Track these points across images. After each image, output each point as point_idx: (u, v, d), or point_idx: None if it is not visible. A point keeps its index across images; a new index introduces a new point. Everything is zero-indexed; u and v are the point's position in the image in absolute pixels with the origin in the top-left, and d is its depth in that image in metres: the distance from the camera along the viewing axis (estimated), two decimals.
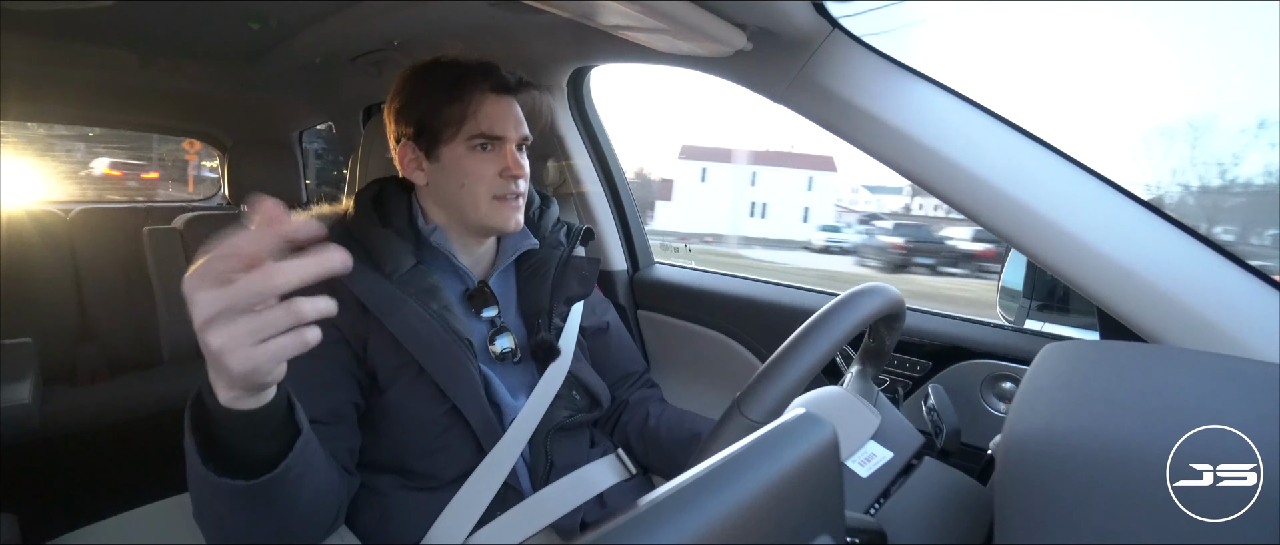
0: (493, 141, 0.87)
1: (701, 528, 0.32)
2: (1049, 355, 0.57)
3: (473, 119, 0.86)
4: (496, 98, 0.88)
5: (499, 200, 0.88)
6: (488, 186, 0.87)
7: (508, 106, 0.89)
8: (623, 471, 0.97)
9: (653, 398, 1.10)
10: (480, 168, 0.87)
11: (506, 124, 0.88)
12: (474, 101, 0.87)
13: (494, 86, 0.88)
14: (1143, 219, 0.72)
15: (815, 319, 0.60)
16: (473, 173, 0.87)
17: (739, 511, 0.34)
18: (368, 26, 1.38)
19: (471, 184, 0.87)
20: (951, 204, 0.79)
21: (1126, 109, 21.92)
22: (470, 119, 0.86)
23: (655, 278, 1.50)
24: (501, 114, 0.88)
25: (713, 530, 0.32)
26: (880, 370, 0.81)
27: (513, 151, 0.88)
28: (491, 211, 0.88)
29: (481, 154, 0.87)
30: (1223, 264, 0.68)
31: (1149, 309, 0.68)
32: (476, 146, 0.87)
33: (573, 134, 1.48)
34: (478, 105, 0.87)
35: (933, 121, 0.80)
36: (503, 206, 0.88)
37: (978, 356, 1.02)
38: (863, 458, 0.68)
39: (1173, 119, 13.69)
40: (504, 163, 0.87)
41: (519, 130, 0.90)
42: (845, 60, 0.85)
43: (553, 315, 0.95)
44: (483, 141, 0.87)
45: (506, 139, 0.88)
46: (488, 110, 0.87)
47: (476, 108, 0.87)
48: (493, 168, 0.87)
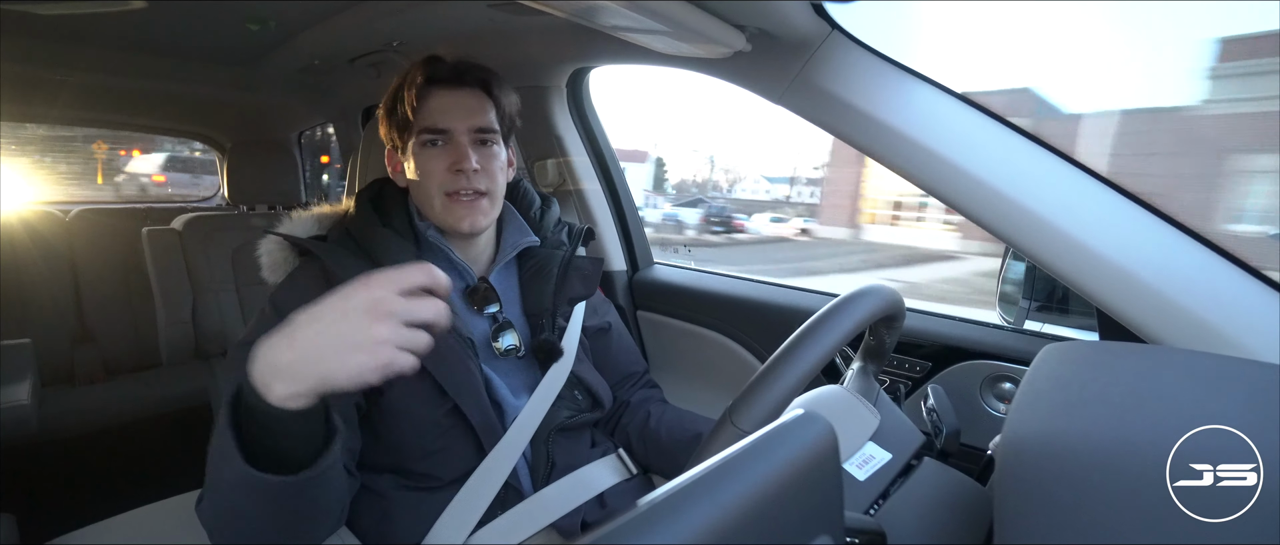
0: (440, 135, 0.86)
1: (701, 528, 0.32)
2: (1048, 356, 0.57)
3: (420, 114, 0.86)
4: (441, 90, 0.87)
5: (450, 198, 0.86)
6: (438, 183, 0.86)
7: (454, 99, 0.87)
8: (623, 472, 0.97)
9: (654, 398, 1.10)
10: (430, 164, 0.86)
11: (451, 116, 0.86)
12: (418, 97, 0.86)
13: (432, 78, 0.87)
14: (1142, 219, 0.72)
15: (809, 325, 0.59)
16: (423, 170, 0.86)
17: (738, 512, 0.34)
18: (367, 28, 1.37)
19: (425, 182, 0.86)
20: (951, 205, 0.79)
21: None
22: (418, 115, 0.86)
23: (654, 278, 1.50)
24: (445, 106, 0.86)
25: (712, 530, 0.32)
26: (881, 368, 0.81)
27: (463, 144, 0.86)
28: (445, 211, 0.87)
29: (432, 150, 0.86)
30: (1222, 265, 0.68)
31: (1148, 310, 0.68)
32: (427, 142, 0.86)
33: (572, 134, 1.48)
34: (423, 100, 0.86)
35: (932, 123, 0.80)
36: (455, 205, 0.86)
37: (977, 357, 1.02)
38: (860, 460, 0.68)
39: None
40: (452, 156, 0.85)
41: (469, 121, 0.87)
42: (844, 62, 0.85)
43: (556, 315, 0.95)
44: (430, 137, 0.86)
45: (453, 131, 0.86)
46: (432, 104, 0.86)
47: (422, 102, 0.86)
48: (442, 163, 0.86)
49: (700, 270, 1.50)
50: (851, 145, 0.85)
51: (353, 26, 1.38)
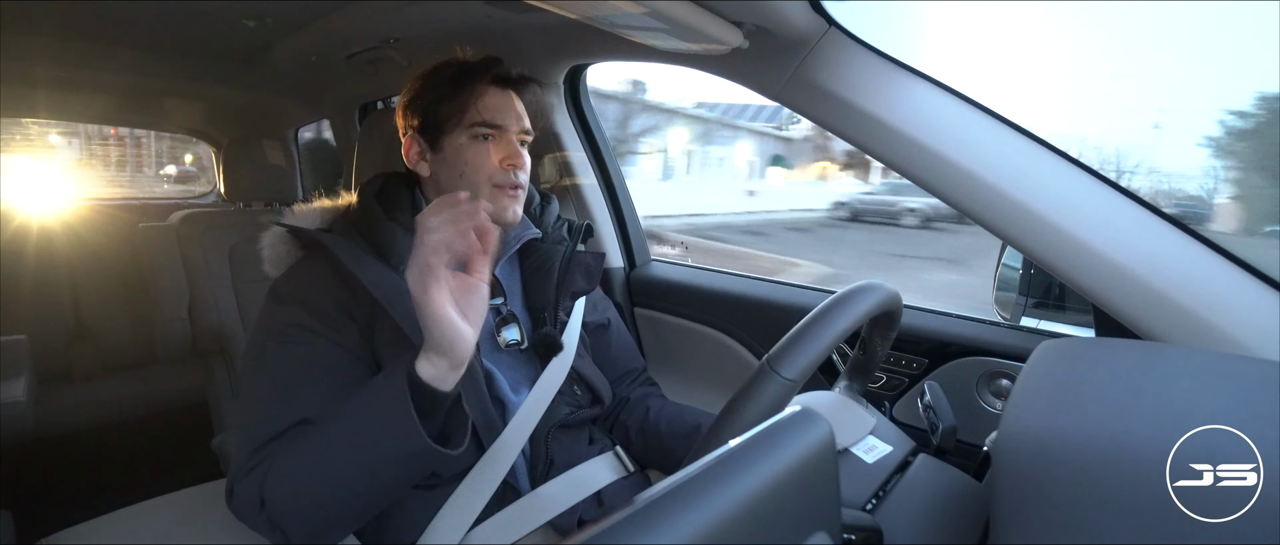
0: (493, 131, 0.88)
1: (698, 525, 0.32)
2: (1045, 353, 0.57)
3: (474, 108, 0.88)
4: (498, 89, 0.90)
5: (498, 189, 0.88)
6: (488, 175, 0.88)
7: (509, 99, 0.90)
8: (621, 469, 0.97)
9: (653, 394, 1.10)
10: (480, 157, 0.88)
11: (507, 115, 0.89)
12: (476, 92, 0.88)
13: (495, 78, 0.90)
14: (1139, 217, 0.72)
15: (838, 296, 0.62)
16: (472, 162, 0.88)
17: (735, 509, 0.34)
18: (364, 25, 1.37)
19: (471, 173, 0.88)
20: (948, 201, 0.79)
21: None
22: (471, 108, 0.88)
23: (652, 275, 1.50)
24: (502, 105, 0.89)
25: (709, 528, 0.32)
26: (867, 385, 0.82)
27: (513, 142, 0.89)
28: (490, 200, 0.88)
29: (482, 144, 0.88)
30: (1220, 262, 0.68)
31: (1146, 306, 0.68)
32: (478, 136, 0.88)
33: (569, 131, 1.48)
34: (479, 95, 0.88)
35: (930, 120, 0.79)
36: (501, 196, 0.88)
37: (974, 354, 1.02)
38: (866, 447, 0.69)
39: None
40: (504, 152, 0.88)
41: (520, 122, 0.91)
42: (842, 59, 0.85)
43: (557, 310, 0.95)
44: (483, 131, 0.88)
45: (507, 129, 0.89)
46: (489, 101, 0.89)
47: (478, 98, 0.88)
48: (493, 157, 0.88)
49: (697, 267, 1.50)
50: (849, 142, 0.85)
51: (350, 23, 1.38)
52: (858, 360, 0.80)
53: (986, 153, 0.77)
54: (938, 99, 0.81)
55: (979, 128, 0.79)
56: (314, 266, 0.86)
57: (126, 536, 1.01)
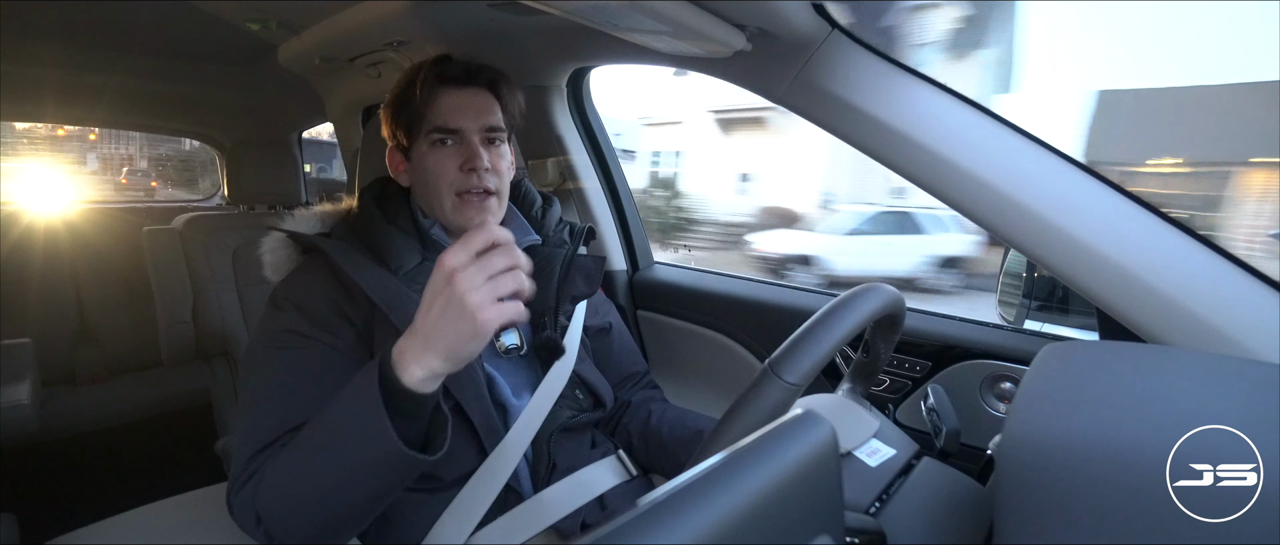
0: (451, 135, 0.86)
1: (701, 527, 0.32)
2: (1049, 356, 0.57)
3: (430, 113, 0.86)
4: (453, 89, 0.87)
5: (461, 198, 0.86)
6: (450, 183, 0.86)
7: (465, 98, 0.87)
8: (623, 473, 0.97)
9: (655, 398, 1.09)
10: (440, 164, 0.86)
11: (462, 115, 0.86)
12: (429, 96, 0.86)
13: (443, 77, 0.87)
14: (1142, 219, 0.72)
15: (841, 299, 0.62)
16: (433, 170, 0.86)
17: (739, 511, 0.34)
18: (367, 28, 1.37)
19: (434, 182, 0.86)
20: (951, 204, 0.79)
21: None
22: (428, 114, 0.86)
23: (655, 278, 1.50)
24: (457, 105, 0.86)
25: (712, 530, 0.32)
26: (869, 388, 0.82)
27: (474, 143, 0.86)
28: (455, 210, 0.87)
29: (443, 149, 0.86)
30: (1222, 264, 0.68)
31: (1148, 309, 0.68)
32: (437, 142, 0.86)
33: (572, 134, 1.48)
34: (433, 99, 0.86)
35: (932, 122, 0.80)
36: (465, 205, 0.86)
37: (977, 357, 1.02)
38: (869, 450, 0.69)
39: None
40: (463, 156, 0.85)
41: (481, 120, 0.87)
42: (845, 61, 0.85)
43: (558, 314, 0.95)
44: (441, 136, 0.86)
45: (464, 130, 0.86)
46: (442, 103, 0.86)
47: (432, 102, 0.86)
48: (453, 162, 0.85)
49: (700, 270, 1.50)
50: (852, 145, 0.85)
51: (353, 26, 1.38)
52: (861, 363, 0.80)
53: (989, 155, 0.77)
54: (941, 102, 0.81)
55: (982, 130, 0.79)
56: (313, 271, 0.86)
57: (131, 539, 1.01)
